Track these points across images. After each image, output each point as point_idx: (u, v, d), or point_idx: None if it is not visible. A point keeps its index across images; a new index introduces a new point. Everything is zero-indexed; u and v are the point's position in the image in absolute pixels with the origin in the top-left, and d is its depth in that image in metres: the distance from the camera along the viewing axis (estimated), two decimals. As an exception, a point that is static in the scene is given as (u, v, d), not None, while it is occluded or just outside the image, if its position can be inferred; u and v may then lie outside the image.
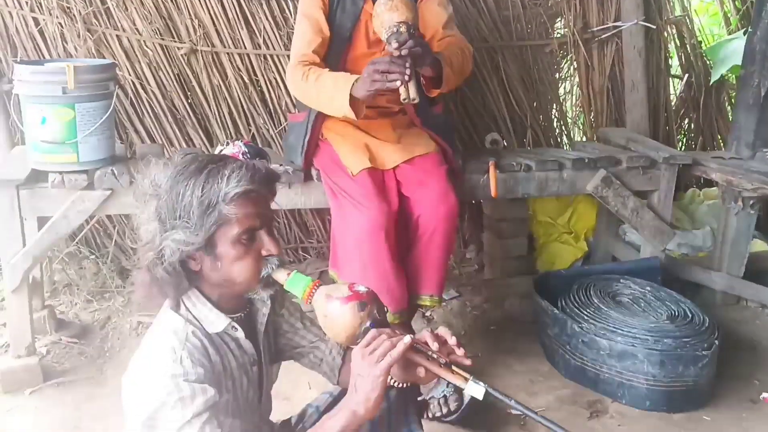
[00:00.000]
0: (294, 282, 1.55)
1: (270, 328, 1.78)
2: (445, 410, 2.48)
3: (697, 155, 3.54)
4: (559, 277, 3.26)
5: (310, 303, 1.55)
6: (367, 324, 1.49)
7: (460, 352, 1.50)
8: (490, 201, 3.68)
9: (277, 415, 1.90)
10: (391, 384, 1.62)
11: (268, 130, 3.68)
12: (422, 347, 1.50)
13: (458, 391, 2.51)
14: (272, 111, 3.69)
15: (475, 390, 1.43)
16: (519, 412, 2.61)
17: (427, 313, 3.37)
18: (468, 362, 1.50)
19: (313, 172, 2.88)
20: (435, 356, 1.48)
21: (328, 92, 2.52)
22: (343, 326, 1.49)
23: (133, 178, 2.65)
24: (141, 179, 1.54)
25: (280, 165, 2.90)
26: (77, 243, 3.60)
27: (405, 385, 1.67)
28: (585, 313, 2.85)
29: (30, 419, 2.54)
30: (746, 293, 3.48)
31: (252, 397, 1.70)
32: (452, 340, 1.50)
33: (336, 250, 2.71)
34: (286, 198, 2.84)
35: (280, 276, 1.56)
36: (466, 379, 1.45)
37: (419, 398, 2.50)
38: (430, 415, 2.50)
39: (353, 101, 2.46)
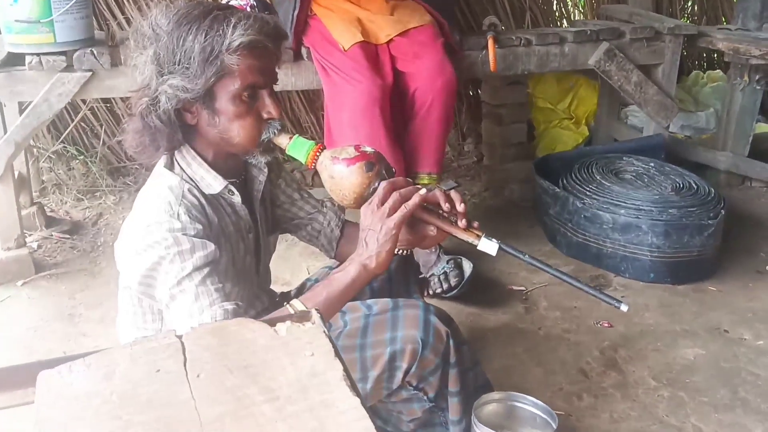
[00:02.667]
0: (296, 146, 1.47)
1: (267, 198, 1.71)
2: (445, 286, 2.43)
3: (703, 28, 3.41)
4: (559, 160, 3.18)
5: (314, 166, 1.47)
6: (376, 184, 1.41)
7: (462, 224, 1.43)
8: (489, 86, 3.57)
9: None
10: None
11: (255, 18, 3.51)
12: (433, 207, 1.43)
13: (458, 266, 2.46)
14: (259, -4, 3.52)
15: (488, 246, 1.38)
16: (521, 287, 2.61)
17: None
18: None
19: (303, 51, 2.75)
20: (446, 215, 1.42)
21: None
22: (351, 187, 1.42)
23: (114, 61, 2.54)
24: (140, 21, 1.44)
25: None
26: (64, 142, 3.49)
27: (407, 252, 1.60)
28: (587, 189, 2.78)
29: (24, 308, 2.50)
30: (751, 172, 3.41)
31: (249, 265, 1.64)
32: (460, 207, 1.42)
33: (330, 132, 2.60)
34: (275, 79, 2.71)
35: (282, 141, 1.48)
36: (479, 236, 1.39)
37: (420, 276, 2.46)
38: (431, 292, 2.46)
39: None
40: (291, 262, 2.79)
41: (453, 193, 1.45)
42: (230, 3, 1.44)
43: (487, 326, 2.40)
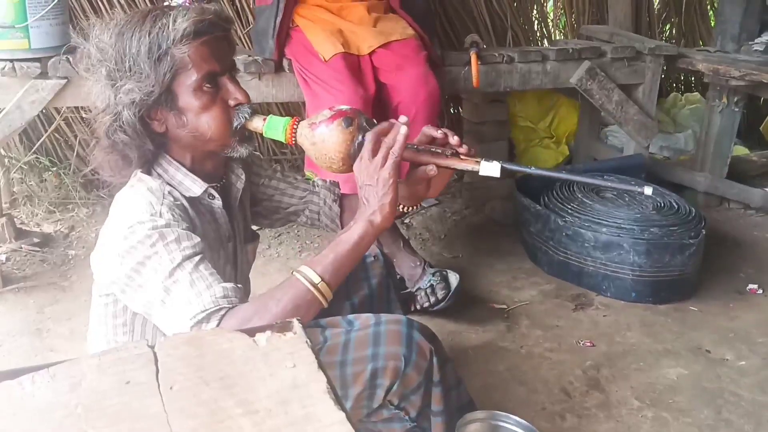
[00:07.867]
0: (272, 126, 1.43)
1: (245, 205, 1.67)
2: (432, 299, 2.37)
3: (682, 49, 3.43)
4: (540, 178, 3.14)
5: (294, 141, 1.42)
6: (359, 138, 1.37)
7: (462, 150, 1.37)
8: (470, 103, 3.56)
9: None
10: (401, 210, 1.51)
11: (235, 30, 3.48)
12: (424, 147, 1.39)
13: (444, 279, 2.42)
14: (239, 9, 3.49)
15: (489, 168, 1.33)
16: (502, 305, 2.57)
17: (406, 220, 3.26)
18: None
19: (285, 63, 2.71)
20: (439, 151, 1.37)
21: None
22: (335, 147, 1.37)
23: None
24: (86, 47, 1.41)
25: (249, 56, 2.74)
26: (36, 153, 3.41)
27: (413, 208, 1.55)
28: (568, 207, 2.75)
29: (-11, 322, 2.41)
30: (729, 193, 3.42)
31: (229, 275, 1.59)
32: (454, 140, 1.38)
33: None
34: (256, 90, 2.67)
35: (257, 124, 1.44)
36: (478, 162, 1.34)
37: (405, 291, 2.41)
38: (418, 307, 2.40)
39: None
40: (269, 278, 2.73)
41: (443, 130, 1.41)
42: (172, 4, 1.42)
43: (468, 344, 2.35)
